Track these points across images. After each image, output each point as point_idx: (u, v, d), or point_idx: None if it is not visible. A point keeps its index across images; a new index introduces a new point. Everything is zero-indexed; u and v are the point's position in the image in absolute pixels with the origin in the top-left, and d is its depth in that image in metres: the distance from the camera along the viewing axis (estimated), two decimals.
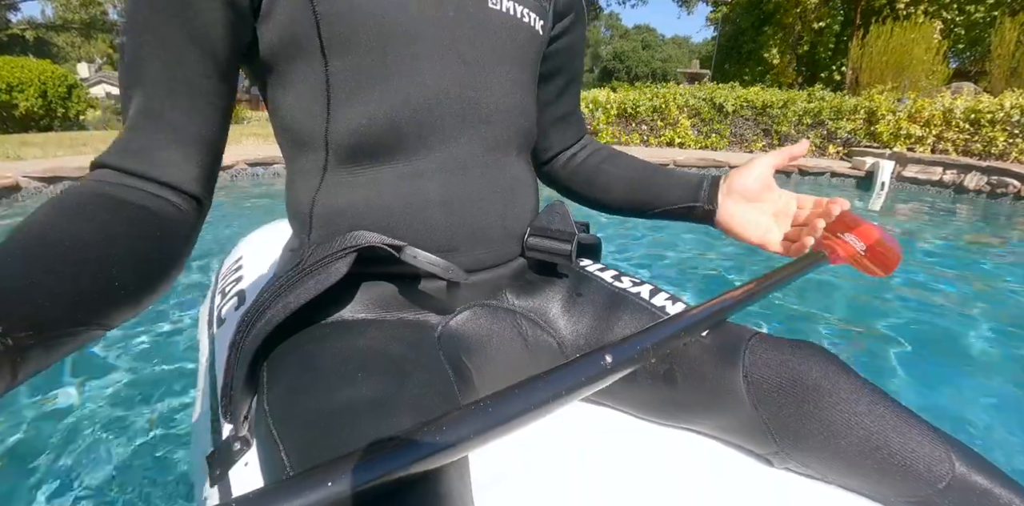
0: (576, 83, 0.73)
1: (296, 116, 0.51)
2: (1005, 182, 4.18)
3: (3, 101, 9.16)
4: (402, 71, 0.49)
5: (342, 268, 0.46)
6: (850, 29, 9.21)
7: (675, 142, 5.89)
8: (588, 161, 0.74)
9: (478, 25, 0.52)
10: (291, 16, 0.46)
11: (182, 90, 0.45)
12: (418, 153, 0.51)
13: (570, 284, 0.62)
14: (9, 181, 3.09)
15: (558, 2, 0.62)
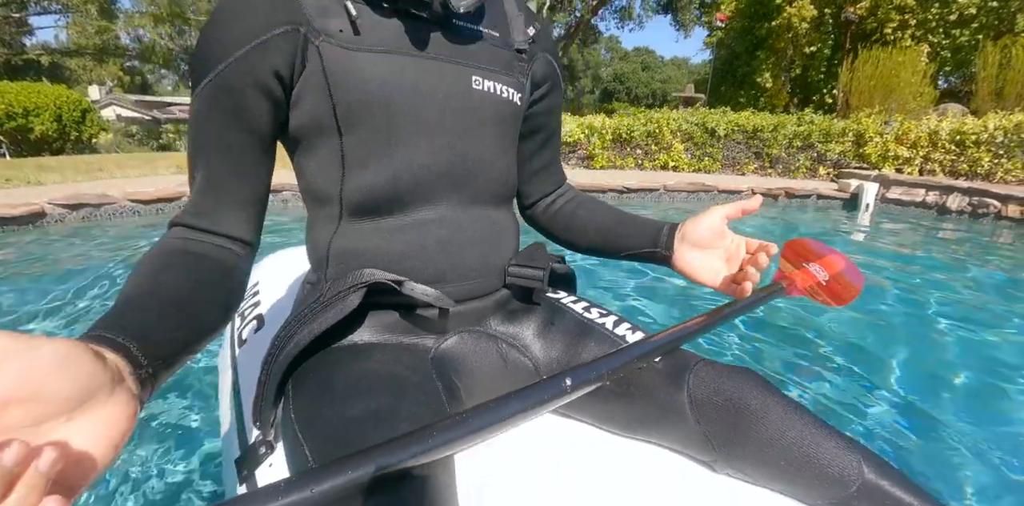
0: (554, 138, 0.82)
1: (317, 178, 0.62)
2: (986, 203, 4.34)
3: (19, 125, 9.51)
4: (402, 144, 0.59)
5: (355, 301, 0.57)
6: (840, 53, 9.49)
7: (669, 165, 6.07)
8: (564, 208, 0.83)
9: (465, 104, 0.62)
10: (314, 104, 0.57)
11: (236, 165, 0.58)
12: (415, 208, 0.62)
13: (545, 314, 0.71)
14: (36, 208, 3.29)
15: (535, 74, 0.72)
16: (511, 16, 0.69)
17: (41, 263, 2.57)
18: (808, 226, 3.92)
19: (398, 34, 0.58)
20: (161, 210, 3.60)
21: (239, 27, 0.54)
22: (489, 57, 0.64)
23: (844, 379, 1.60)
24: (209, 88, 0.55)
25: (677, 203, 4.33)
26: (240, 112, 0.56)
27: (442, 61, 0.60)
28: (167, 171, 5.57)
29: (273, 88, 0.56)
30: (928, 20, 9.00)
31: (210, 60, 0.54)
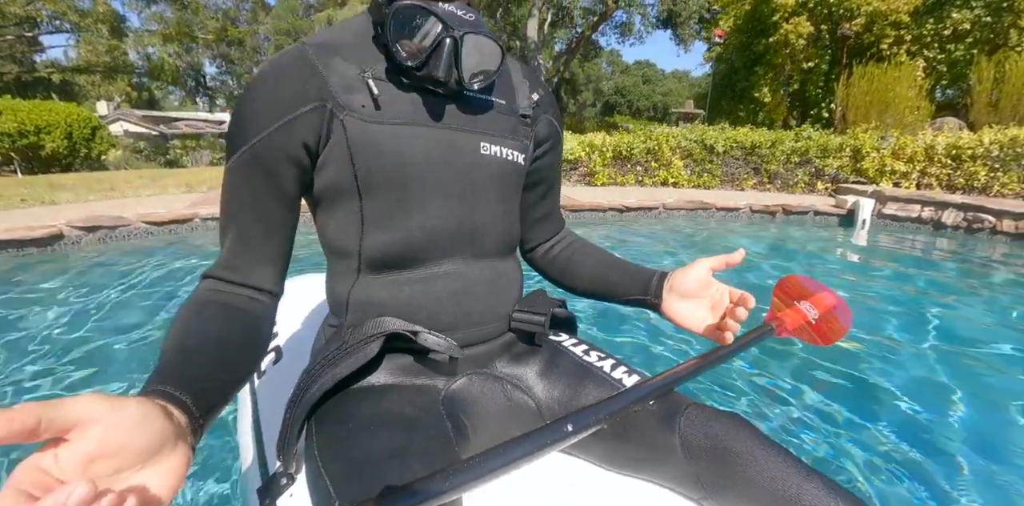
0: (554, 190, 0.87)
1: (337, 235, 0.67)
2: (980, 218, 4.40)
3: (31, 142, 9.71)
4: (417, 207, 0.65)
5: (375, 349, 0.62)
6: (837, 68, 9.62)
7: (669, 182, 6.16)
8: (561, 254, 0.88)
9: (473, 168, 0.68)
10: (337, 170, 0.62)
11: (266, 225, 0.64)
12: (427, 263, 0.67)
13: (548, 356, 0.76)
14: (55, 230, 3.40)
15: (538, 135, 0.78)
16: (517, 84, 0.75)
17: (62, 284, 2.67)
18: (805, 243, 3.99)
19: (415, 107, 0.63)
20: (173, 231, 3.70)
21: (272, 103, 0.60)
22: (496, 124, 0.70)
23: (839, 408, 1.63)
24: (243, 158, 0.61)
25: (676, 221, 4.41)
26: (271, 179, 0.62)
27: (454, 130, 0.66)
28: (176, 190, 5.69)
29: (301, 158, 0.62)
30: (923, 35, 9.13)
31: (245, 133, 0.61)
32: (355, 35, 0.65)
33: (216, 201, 3.94)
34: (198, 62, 25.61)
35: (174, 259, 3.19)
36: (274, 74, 0.61)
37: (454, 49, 0.59)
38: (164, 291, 2.62)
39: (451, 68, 0.60)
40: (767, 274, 3.05)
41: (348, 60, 0.62)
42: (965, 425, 1.54)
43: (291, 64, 0.61)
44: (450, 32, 0.59)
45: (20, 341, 2.02)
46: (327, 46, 0.63)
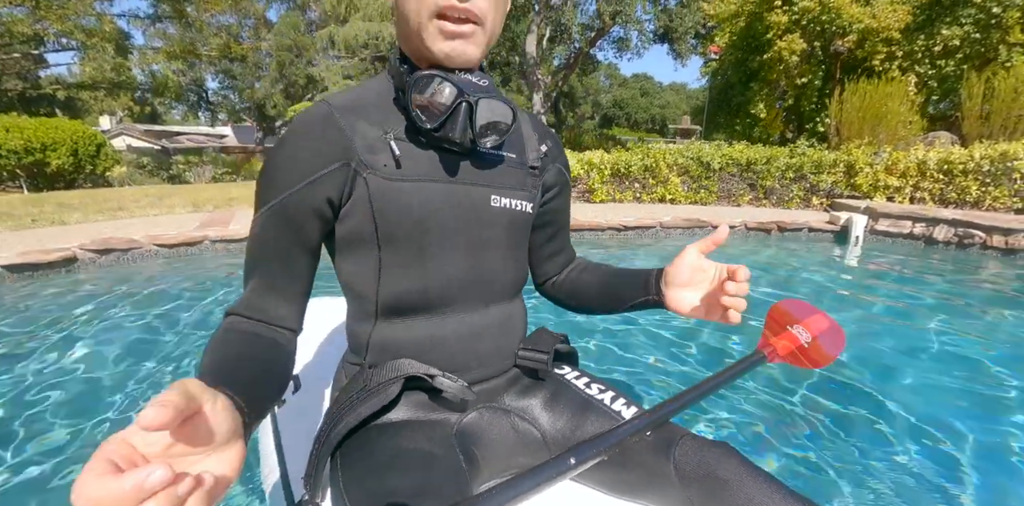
0: (564, 229, 0.93)
1: (356, 280, 0.73)
2: (971, 233, 4.50)
3: (37, 159, 9.86)
4: (431, 257, 0.70)
5: (395, 391, 0.68)
6: (831, 84, 9.79)
7: (666, 198, 6.28)
8: (568, 278, 0.94)
9: (484, 220, 0.73)
10: (358, 222, 0.68)
11: (289, 269, 0.69)
12: (440, 309, 0.73)
13: (552, 389, 0.81)
14: (68, 253, 3.49)
15: (546, 182, 0.84)
16: (527, 136, 0.81)
17: (78, 307, 2.76)
18: (800, 260, 4.08)
19: (432, 164, 0.69)
20: (184, 253, 3.80)
21: (301, 162, 0.65)
22: (506, 177, 0.75)
23: (835, 431, 1.68)
24: (272, 210, 0.67)
25: (674, 239, 4.51)
26: (296, 229, 0.67)
27: (467, 185, 0.71)
28: (183, 209, 5.80)
29: (325, 211, 0.68)
30: (914, 51, 9.31)
31: (275, 188, 0.66)
32: (378, 96, 0.71)
33: (222, 221, 4.04)
34: (201, 77, 25.91)
35: (186, 281, 3.28)
36: (303, 133, 0.67)
37: (469, 113, 0.64)
38: (177, 313, 2.71)
39: (466, 130, 0.65)
40: (764, 292, 3.14)
41: (371, 122, 0.68)
42: (959, 440, 1.59)
43: (319, 124, 0.67)
44: (465, 97, 0.64)
45: (37, 365, 2.10)
46: (352, 108, 0.69)
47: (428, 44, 0.65)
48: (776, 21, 9.58)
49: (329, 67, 19.26)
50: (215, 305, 2.83)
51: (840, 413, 1.77)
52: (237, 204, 6.15)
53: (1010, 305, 2.99)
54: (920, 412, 1.78)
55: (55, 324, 2.54)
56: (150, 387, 1.93)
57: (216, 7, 16.38)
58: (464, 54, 0.66)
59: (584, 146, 17.94)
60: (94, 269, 3.53)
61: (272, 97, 25.54)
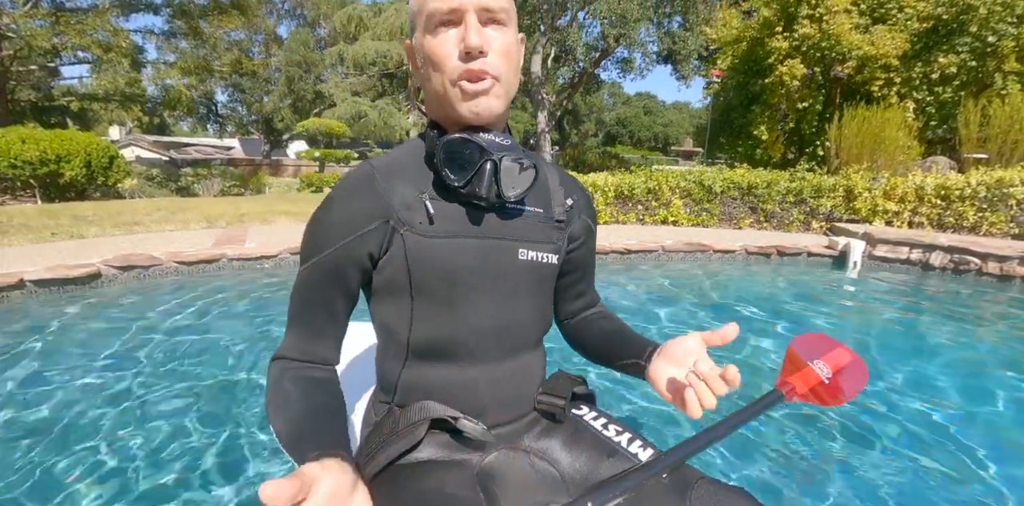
0: (588, 274, 0.96)
1: (390, 323, 0.77)
2: (966, 259, 4.60)
3: (51, 170, 10.07)
4: (460, 308, 0.74)
5: (421, 433, 0.73)
6: (831, 108, 9.98)
7: (668, 220, 6.41)
8: (583, 318, 0.97)
9: (511, 272, 0.77)
10: (394, 273, 0.73)
11: (330, 315, 0.75)
12: (466, 355, 0.77)
13: (571, 431, 0.83)
14: (93, 269, 3.61)
15: (572, 234, 0.87)
16: (553, 190, 0.84)
17: (104, 321, 2.87)
18: (799, 285, 4.19)
19: (463, 220, 0.74)
20: (203, 271, 3.93)
21: (345, 221, 0.72)
22: (532, 231, 0.79)
23: (853, 474, 1.69)
24: (316, 264, 0.73)
25: (675, 263, 4.63)
26: (338, 280, 0.74)
27: (495, 239, 0.75)
28: (197, 225, 5.95)
29: (366, 264, 0.74)
30: (912, 78, 9.51)
31: (320, 244, 0.73)
32: (413, 158, 0.78)
33: (237, 239, 4.18)
34: (211, 91, 26.37)
35: (205, 297, 3.41)
36: (349, 194, 0.73)
37: (494, 171, 0.69)
38: (199, 329, 2.82)
39: (491, 186, 0.70)
40: (760, 315, 3.25)
41: (407, 182, 0.74)
42: (959, 461, 1.67)
43: (361, 186, 0.73)
44: (489, 156, 0.69)
45: (68, 378, 2.21)
46: (391, 169, 0.75)
47: (455, 107, 0.71)
48: (777, 47, 9.81)
49: (338, 84, 19.61)
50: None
51: (857, 452, 1.79)
52: (249, 220, 6.30)
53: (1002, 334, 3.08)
54: (914, 439, 1.87)
55: (79, 339, 2.65)
56: (175, 400, 2.03)
57: (229, 24, 16.76)
58: (489, 109, 0.71)
59: (588, 164, 18.19)
60: (116, 284, 3.65)
61: (280, 111, 25.95)
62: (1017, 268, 4.36)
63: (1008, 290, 4.17)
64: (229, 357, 2.49)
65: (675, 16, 15.32)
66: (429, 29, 0.70)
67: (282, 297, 3.62)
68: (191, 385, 2.20)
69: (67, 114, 21.79)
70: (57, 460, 1.65)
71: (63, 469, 1.61)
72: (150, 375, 2.28)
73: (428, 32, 0.70)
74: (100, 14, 14.74)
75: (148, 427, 1.86)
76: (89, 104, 18.34)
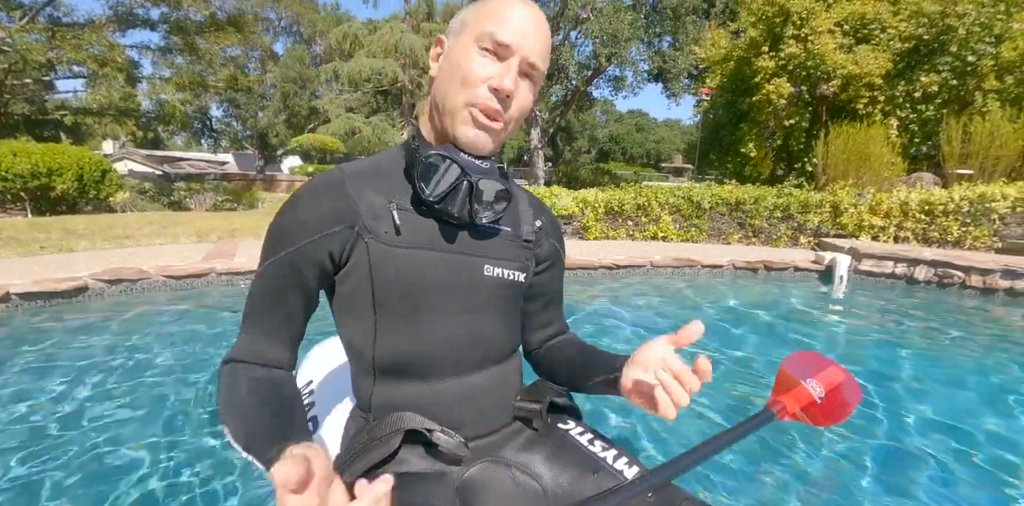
0: (555, 301, 0.95)
1: (354, 340, 0.76)
2: (950, 273, 4.67)
3: (42, 184, 10.05)
4: (424, 321, 0.74)
5: (395, 443, 0.71)
6: (818, 125, 10.18)
7: (658, 236, 6.48)
8: (553, 346, 0.95)
9: (477, 287, 0.77)
10: (357, 282, 0.73)
11: (287, 315, 0.74)
12: (436, 371, 0.76)
13: (555, 444, 0.82)
14: (80, 283, 3.59)
15: (539, 255, 0.87)
16: (523, 211, 0.85)
17: (90, 335, 2.86)
18: (786, 300, 4.23)
19: (431, 233, 0.74)
20: (191, 285, 3.92)
21: (308, 221, 0.71)
22: (501, 248, 0.79)
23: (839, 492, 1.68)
24: (278, 262, 0.72)
25: (663, 278, 4.67)
26: (298, 280, 0.73)
27: (462, 254, 0.75)
28: (188, 239, 5.94)
29: (327, 265, 0.73)
30: (895, 96, 9.74)
31: (282, 242, 0.72)
32: (390, 166, 0.78)
33: (227, 253, 4.16)
34: (205, 106, 26.49)
35: (193, 312, 3.40)
36: (314, 195, 0.73)
37: (469, 191, 0.70)
38: (185, 343, 2.81)
39: (465, 206, 0.71)
40: (746, 332, 3.28)
41: (379, 190, 0.74)
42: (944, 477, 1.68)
43: (329, 188, 0.73)
44: (467, 177, 0.69)
45: (51, 391, 2.19)
46: (363, 175, 0.75)
47: (457, 126, 0.72)
48: (764, 66, 10.04)
49: (332, 100, 19.79)
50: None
51: (844, 470, 1.78)
52: (240, 235, 6.29)
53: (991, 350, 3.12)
54: (898, 458, 1.88)
55: (66, 354, 2.64)
56: (159, 412, 2.02)
57: (226, 41, 16.93)
58: (485, 144, 0.73)
59: (581, 179, 18.34)
60: (103, 298, 3.64)
61: (275, 126, 26.10)
62: (999, 281, 4.43)
63: (991, 302, 4.23)
64: (208, 373, 2.48)
65: (665, 36, 15.66)
66: (475, 43, 0.71)
67: None
68: (164, 397, 2.19)
69: (60, 128, 21.80)
70: (33, 470, 1.63)
71: (37, 481, 1.59)
72: (127, 389, 2.27)
73: (473, 45, 0.71)
74: (96, 30, 14.86)
75: (118, 441, 1.84)
76: (83, 118, 18.37)
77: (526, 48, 0.71)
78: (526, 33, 0.71)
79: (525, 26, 0.71)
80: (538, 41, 0.72)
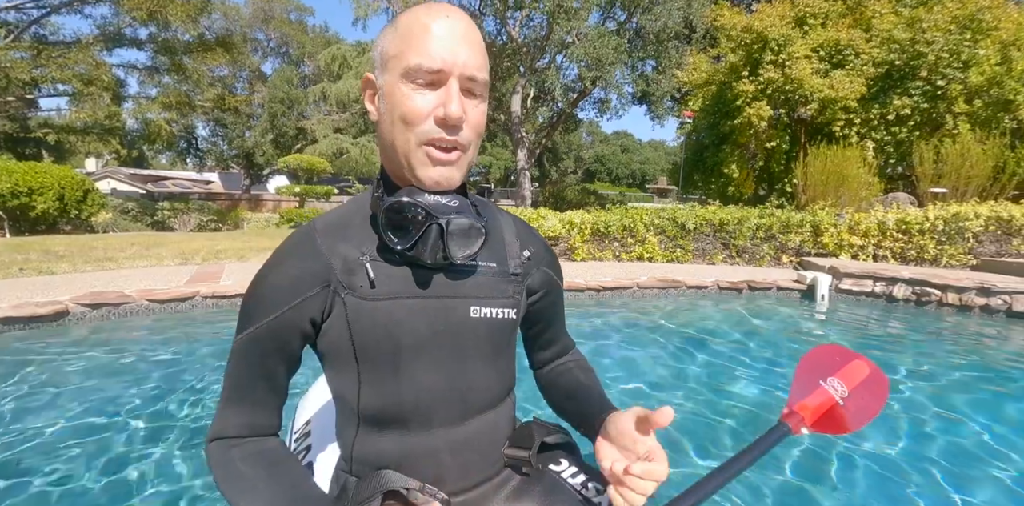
0: (556, 323, 0.92)
1: (340, 390, 0.75)
2: (927, 291, 4.78)
3: (23, 203, 9.91)
4: (407, 373, 0.71)
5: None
6: (797, 146, 10.45)
7: (644, 257, 6.56)
8: (554, 370, 0.93)
9: (463, 332, 0.73)
10: (337, 338, 0.71)
11: (270, 384, 0.72)
12: (421, 423, 0.73)
13: (547, 490, 0.79)
14: (60, 307, 3.54)
15: (531, 286, 0.83)
16: (508, 243, 0.80)
17: (71, 361, 2.81)
18: (769, 319, 4.29)
19: (407, 281, 0.70)
20: (175, 309, 3.88)
21: (283, 288, 0.69)
22: (486, 286, 0.75)
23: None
24: (255, 333, 0.69)
25: (650, 299, 4.72)
26: (279, 349, 0.71)
27: (443, 298, 0.72)
28: (172, 261, 5.88)
29: (306, 330, 0.71)
30: (870, 119, 10.06)
31: (259, 312, 0.70)
32: (357, 216, 0.75)
33: (212, 276, 4.13)
34: (191, 125, 26.43)
35: (177, 337, 3.36)
36: (286, 260, 0.71)
37: (440, 234, 0.66)
38: (168, 369, 2.78)
39: (437, 250, 0.66)
40: (735, 350, 3.32)
41: (350, 243, 0.71)
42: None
43: (300, 250, 0.71)
44: (435, 220, 0.65)
45: (32, 419, 2.15)
46: (333, 230, 0.73)
47: (416, 170, 0.68)
48: (744, 90, 10.33)
49: (320, 120, 19.89)
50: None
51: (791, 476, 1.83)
52: (225, 257, 6.25)
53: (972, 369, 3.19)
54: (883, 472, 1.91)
55: (45, 381, 2.59)
56: (141, 440, 1.99)
57: (214, 61, 17.00)
58: (450, 179, 0.69)
59: (567, 200, 18.52)
60: (84, 322, 3.58)
61: (262, 146, 26.07)
62: (975, 299, 4.55)
63: (967, 322, 4.33)
64: (189, 402, 2.45)
65: (648, 60, 16.06)
66: (405, 80, 0.66)
67: None
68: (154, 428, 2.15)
69: (42, 145, 21.57)
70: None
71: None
72: (101, 424, 2.23)
73: (403, 82, 0.66)
74: (83, 49, 14.86)
75: (95, 474, 1.81)
76: (66, 136, 18.22)
77: (459, 65, 0.65)
78: (454, 50, 0.65)
79: (450, 43, 0.65)
80: (470, 53, 0.66)
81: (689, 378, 2.88)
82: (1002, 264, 5.55)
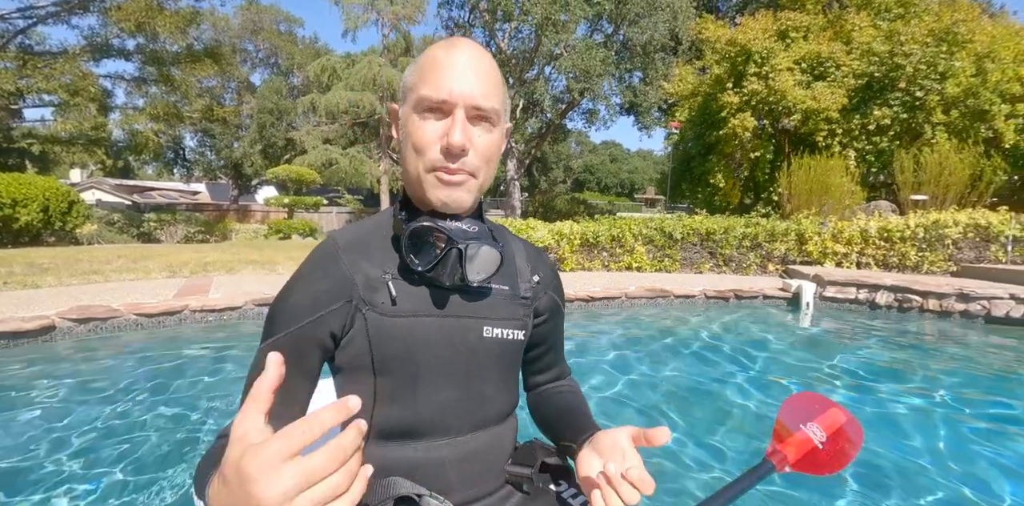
0: (554, 348, 0.95)
1: None
2: (909, 298, 4.88)
3: (6, 215, 9.76)
4: (423, 387, 0.73)
5: None
6: (782, 156, 10.65)
7: (632, 266, 6.63)
8: (544, 392, 0.95)
9: (476, 350, 0.76)
10: (356, 352, 0.73)
11: (290, 397, 0.70)
12: (432, 436, 0.75)
13: None
14: (47, 322, 3.50)
15: (538, 309, 0.87)
16: (520, 268, 0.85)
17: (55, 378, 2.79)
18: (756, 327, 4.35)
19: (426, 300, 0.74)
20: (163, 323, 3.86)
21: (308, 301, 0.71)
22: (497, 309, 0.79)
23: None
24: (278, 342, 0.70)
25: (638, 308, 4.77)
26: (299, 360, 0.71)
27: (459, 317, 0.75)
28: (159, 274, 5.84)
29: (327, 343, 0.73)
30: (852, 129, 10.30)
31: (283, 323, 0.71)
32: (379, 235, 0.78)
33: (200, 289, 4.12)
34: (179, 135, 26.28)
35: (165, 352, 3.34)
36: (311, 273, 0.74)
37: (459, 258, 0.69)
38: (157, 383, 2.76)
39: (455, 273, 0.70)
40: (724, 359, 3.36)
41: (372, 262, 0.75)
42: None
43: (324, 265, 0.74)
44: (454, 245, 0.69)
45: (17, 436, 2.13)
46: (355, 246, 0.76)
47: (427, 192, 0.72)
48: (729, 101, 10.54)
49: (310, 131, 19.87)
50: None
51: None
52: (214, 269, 6.22)
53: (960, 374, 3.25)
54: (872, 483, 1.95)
55: (26, 397, 2.57)
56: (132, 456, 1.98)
57: (202, 72, 16.96)
58: (458, 201, 0.72)
59: (556, 209, 18.65)
60: (71, 337, 3.55)
61: (250, 157, 26.00)
62: (955, 305, 4.65)
63: (949, 326, 4.42)
64: (186, 419, 2.45)
65: (635, 71, 16.31)
66: (417, 110, 0.71)
67: (245, 347, 3.58)
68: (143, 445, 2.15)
69: (26, 155, 21.31)
70: None
71: None
72: (90, 441, 2.22)
73: (416, 112, 0.71)
74: (70, 59, 14.76)
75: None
76: (51, 147, 18.02)
77: (466, 96, 0.69)
78: (460, 80, 0.69)
79: (457, 75, 0.69)
80: (477, 83, 0.70)
81: (677, 386, 2.92)
82: (981, 270, 5.69)
